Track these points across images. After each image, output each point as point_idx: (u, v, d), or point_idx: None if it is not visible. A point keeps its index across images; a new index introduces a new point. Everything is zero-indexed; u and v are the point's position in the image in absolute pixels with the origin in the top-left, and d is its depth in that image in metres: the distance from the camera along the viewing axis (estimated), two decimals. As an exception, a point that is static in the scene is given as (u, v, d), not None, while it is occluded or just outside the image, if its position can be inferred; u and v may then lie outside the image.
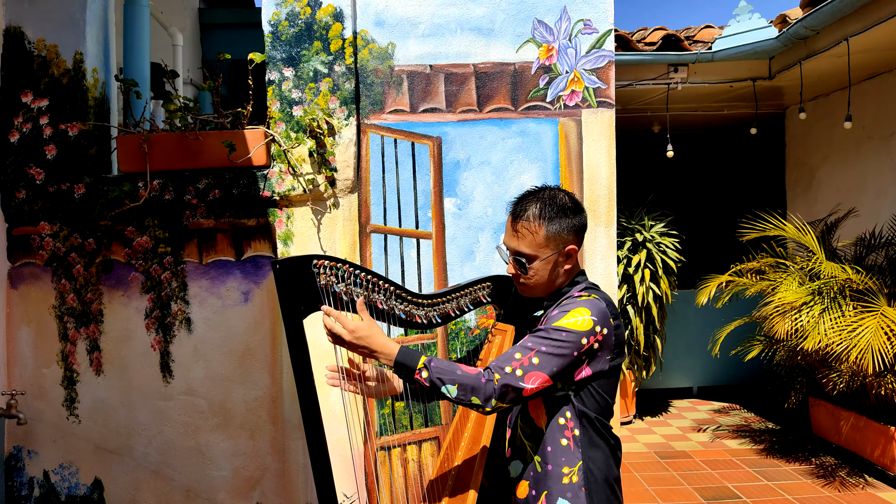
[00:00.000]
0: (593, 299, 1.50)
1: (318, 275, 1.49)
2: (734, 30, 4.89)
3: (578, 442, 1.50)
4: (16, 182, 2.37)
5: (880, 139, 5.21)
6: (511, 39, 2.40)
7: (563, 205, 1.55)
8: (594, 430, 1.52)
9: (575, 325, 1.44)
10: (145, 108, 2.52)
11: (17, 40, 2.38)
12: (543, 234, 1.52)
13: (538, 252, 1.53)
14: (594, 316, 1.46)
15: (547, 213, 1.53)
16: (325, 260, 1.50)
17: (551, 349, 1.42)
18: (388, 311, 1.60)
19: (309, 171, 2.34)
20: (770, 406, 5.74)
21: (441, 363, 1.43)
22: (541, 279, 1.56)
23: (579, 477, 1.49)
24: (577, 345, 1.43)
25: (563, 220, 1.53)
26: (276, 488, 2.40)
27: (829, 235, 4.74)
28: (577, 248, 1.55)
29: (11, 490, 2.40)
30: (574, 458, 1.50)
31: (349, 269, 1.52)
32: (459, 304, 1.70)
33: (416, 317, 1.64)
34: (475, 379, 1.40)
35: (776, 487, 4.05)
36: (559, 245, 1.53)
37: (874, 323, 3.78)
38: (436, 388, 1.41)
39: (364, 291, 1.55)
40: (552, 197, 1.56)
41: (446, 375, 1.40)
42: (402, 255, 2.40)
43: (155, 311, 2.39)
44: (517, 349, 1.44)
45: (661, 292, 5.23)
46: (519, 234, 1.55)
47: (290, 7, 2.37)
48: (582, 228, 1.57)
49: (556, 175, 2.41)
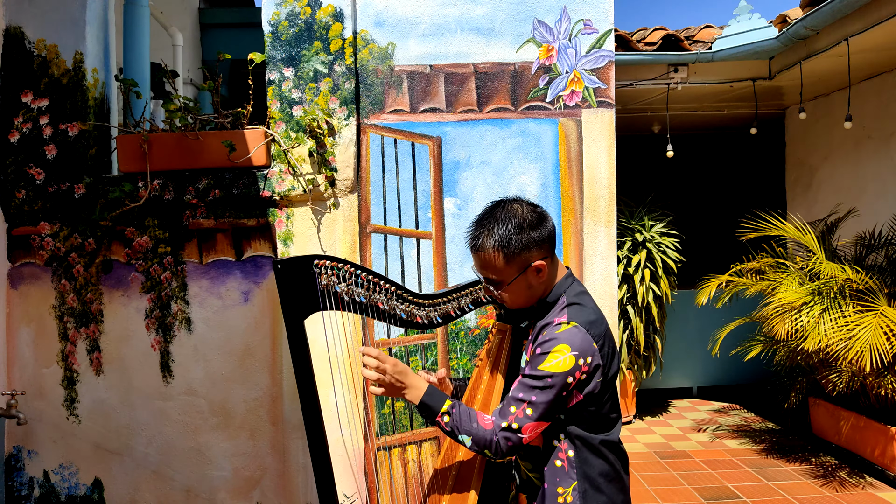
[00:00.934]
0: (571, 329, 1.46)
1: (319, 275, 1.50)
2: (734, 30, 4.89)
3: (573, 463, 1.51)
4: (16, 182, 2.37)
5: (880, 139, 5.21)
6: (511, 39, 2.40)
7: (520, 223, 1.50)
8: (589, 449, 1.51)
9: (557, 366, 1.43)
10: (145, 108, 2.52)
11: (17, 40, 2.38)
12: (503, 261, 1.50)
13: (504, 277, 1.52)
14: (574, 350, 1.44)
15: (499, 238, 1.49)
16: (327, 260, 1.50)
17: (540, 397, 1.44)
18: (390, 312, 1.61)
19: (309, 171, 2.34)
20: (770, 406, 5.73)
21: (462, 412, 1.51)
22: (518, 297, 1.56)
23: (574, 497, 1.50)
24: (564, 385, 1.44)
25: (519, 240, 1.49)
26: (276, 488, 2.40)
27: (829, 235, 4.74)
28: (544, 262, 1.52)
29: (11, 490, 2.40)
30: (569, 478, 1.51)
31: (350, 269, 1.53)
32: (460, 304, 1.71)
33: (416, 317, 1.65)
34: (488, 435, 1.48)
35: (776, 487, 4.05)
36: (523, 265, 1.51)
37: (874, 322, 3.78)
38: (453, 435, 1.51)
39: (365, 292, 1.55)
40: (506, 217, 1.51)
41: (464, 426, 1.49)
42: (402, 255, 2.40)
43: (155, 311, 2.39)
44: (512, 401, 1.48)
45: (661, 292, 5.23)
46: (482, 263, 1.54)
47: (290, 7, 2.37)
48: (546, 239, 1.53)
49: (556, 175, 2.41)
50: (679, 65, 5.03)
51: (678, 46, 4.98)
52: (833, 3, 4.02)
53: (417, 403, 1.53)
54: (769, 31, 4.75)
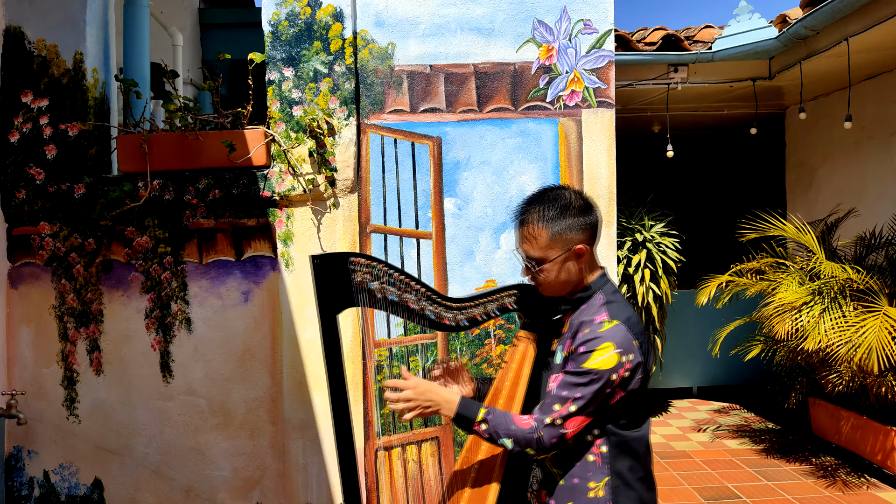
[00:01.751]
0: (615, 327, 1.48)
1: (354, 272, 1.53)
2: (734, 30, 4.89)
3: (605, 458, 1.52)
4: (16, 182, 2.37)
5: (880, 139, 5.20)
6: (511, 39, 2.40)
7: (567, 205, 1.54)
8: (622, 445, 1.53)
9: (602, 364, 1.45)
10: (145, 108, 2.52)
11: (17, 40, 2.38)
12: (547, 237, 1.53)
13: (545, 254, 1.54)
14: (618, 348, 1.46)
15: (548, 215, 1.53)
16: (362, 258, 1.55)
17: (584, 393, 1.46)
18: (419, 312, 1.63)
19: (309, 171, 2.34)
20: (770, 406, 5.73)
21: (497, 416, 1.53)
22: (555, 280, 1.57)
23: (605, 492, 1.51)
24: (608, 382, 1.46)
25: (566, 221, 1.53)
26: (276, 488, 2.40)
27: (829, 235, 4.74)
28: (586, 248, 1.54)
29: (11, 490, 2.40)
30: (601, 473, 1.52)
31: (384, 268, 1.57)
32: (486, 309, 1.72)
33: (444, 318, 1.67)
34: (528, 434, 1.50)
35: (776, 487, 4.05)
36: (566, 245, 1.53)
37: (877, 323, 3.77)
38: (493, 440, 1.53)
39: (397, 291, 1.58)
40: (555, 198, 1.55)
41: (502, 429, 1.52)
42: (402, 255, 2.40)
43: (155, 311, 2.39)
44: (555, 399, 1.49)
45: (661, 292, 5.23)
46: (525, 238, 1.57)
47: (290, 7, 2.37)
48: (590, 227, 1.56)
49: (556, 175, 2.41)
50: (679, 65, 5.03)
51: (678, 46, 4.98)
52: (833, 3, 4.02)
53: (453, 417, 1.55)
54: (769, 31, 4.75)
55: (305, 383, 2.38)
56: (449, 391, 1.58)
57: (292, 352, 2.38)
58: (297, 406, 2.39)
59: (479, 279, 2.40)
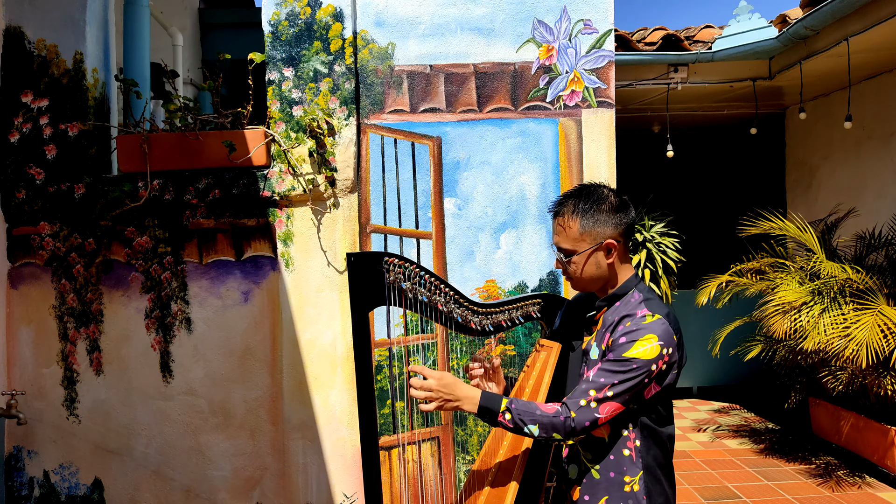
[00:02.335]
0: (657, 321, 1.51)
1: (387, 271, 1.56)
2: (734, 30, 4.89)
3: (640, 452, 1.55)
4: (16, 182, 2.37)
5: (880, 139, 5.20)
6: (511, 39, 2.40)
7: (599, 200, 1.57)
8: (655, 440, 1.56)
9: (644, 353, 1.48)
10: (145, 108, 2.52)
11: (17, 40, 2.38)
12: (577, 229, 1.56)
13: (576, 246, 1.57)
14: (661, 340, 1.49)
15: (580, 208, 1.57)
16: (395, 258, 1.57)
17: (623, 380, 1.48)
18: (447, 314, 1.65)
19: (309, 171, 2.34)
20: (770, 406, 5.73)
21: (520, 404, 1.53)
22: (584, 273, 1.59)
23: (640, 486, 1.54)
24: (648, 372, 1.48)
25: (597, 215, 1.56)
26: (276, 488, 2.40)
27: (829, 235, 4.74)
28: (616, 243, 1.57)
29: (11, 490, 2.40)
30: (636, 467, 1.55)
31: (416, 269, 1.59)
32: (511, 315, 1.75)
33: (471, 322, 1.69)
34: (554, 418, 1.50)
35: (776, 487, 4.05)
36: (596, 239, 1.56)
37: (871, 320, 3.78)
38: (518, 429, 1.52)
39: (428, 292, 1.61)
40: (589, 193, 1.59)
41: (527, 416, 1.51)
42: (402, 255, 2.40)
43: (155, 311, 2.39)
44: (591, 385, 1.50)
45: (661, 292, 5.23)
46: (558, 230, 1.60)
47: (290, 7, 2.37)
48: (623, 225, 1.58)
49: (556, 175, 2.41)
50: (679, 65, 5.03)
51: (678, 46, 4.98)
52: (833, 3, 4.02)
53: (477, 411, 1.56)
54: (769, 31, 4.75)
55: (305, 383, 2.38)
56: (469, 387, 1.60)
57: (292, 352, 2.38)
58: (297, 406, 2.39)
59: (479, 279, 2.40)
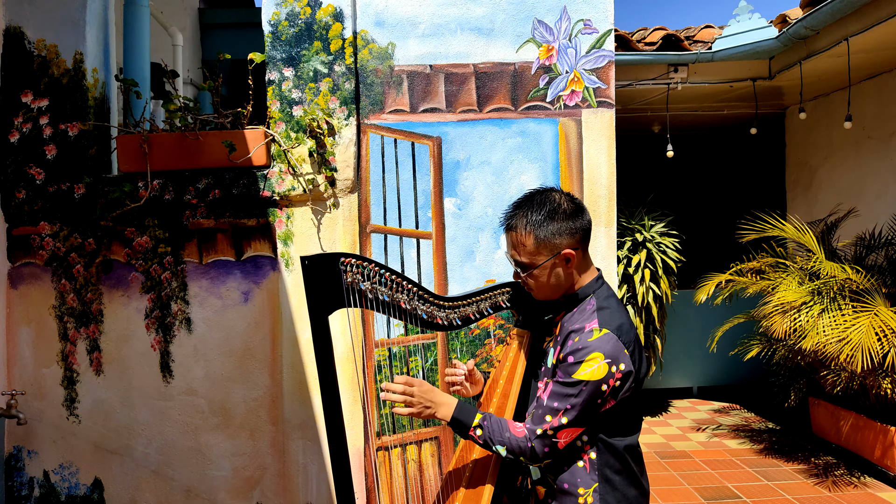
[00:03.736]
0: (604, 337, 1.45)
1: (344, 272, 1.53)
2: (734, 30, 4.89)
3: (595, 464, 1.52)
4: (16, 182, 2.37)
5: (880, 139, 5.21)
6: (511, 39, 2.40)
7: (554, 209, 1.52)
8: (611, 452, 1.52)
9: (591, 375, 1.43)
10: (145, 108, 2.52)
11: (17, 40, 2.38)
12: (533, 243, 1.51)
13: (532, 260, 1.53)
14: (608, 358, 1.44)
15: (534, 220, 1.51)
16: (352, 258, 1.54)
17: (575, 404, 1.45)
18: (411, 311, 1.62)
19: (309, 171, 2.34)
20: (770, 406, 5.73)
21: (493, 423, 1.54)
22: (544, 285, 1.56)
23: (594, 499, 1.51)
24: (598, 392, 1.45)
25: (552, 225, 1.50)
26: (276, 488, 2.40)
27: (828, 235, 4.74)
28: (574, 252, 1.52)
29: (11, 490, 2.40)
30: (590, 479, 1.52)
31: (375, 268, 1.56)
32: (479, 307, 1.71)
33: (437, 318, 1.66)
34: (522, 443, 1.51)
35: (776, 487, 4.05)
36: (553, 250, 1.51)
37: (867, 322, 3.78)
38: (488, 446, 1.54)
39: (388, 291, 1.58)
40: (542, 202, 1.53)
41: (496, 436, 1.53)
42: (402, 255, 2.40)
43: (155, 311, 2.39)
44: (547, 410, 1.48)
45: (660, 292, 5.23)
46: (512, 244, 1.56)
47: (290, 7, 2.37)
48: (579, 231, 1.53)
49: (556, 175, 2.41)
50: (679, 65, 5.03)
51: (678, 46, 4.98)
52: (833, 3, 4.02)
53: (449, 420, 1.55)
54: (769, 31, 4.75)
55: (305, 383, 2.38)
56: (447, 395, 1.58)
57: (292, 352, 2.38)
58: (297, 406, 2.39)
59: (479, 279, 2.41)
